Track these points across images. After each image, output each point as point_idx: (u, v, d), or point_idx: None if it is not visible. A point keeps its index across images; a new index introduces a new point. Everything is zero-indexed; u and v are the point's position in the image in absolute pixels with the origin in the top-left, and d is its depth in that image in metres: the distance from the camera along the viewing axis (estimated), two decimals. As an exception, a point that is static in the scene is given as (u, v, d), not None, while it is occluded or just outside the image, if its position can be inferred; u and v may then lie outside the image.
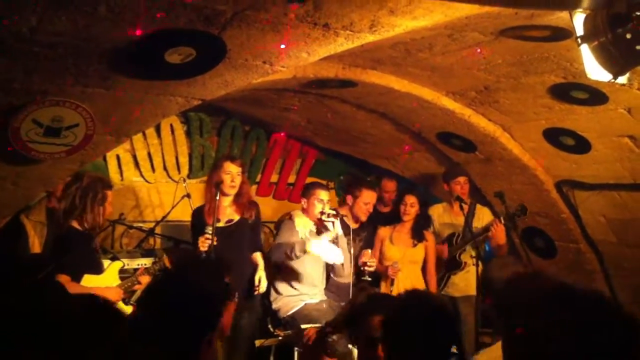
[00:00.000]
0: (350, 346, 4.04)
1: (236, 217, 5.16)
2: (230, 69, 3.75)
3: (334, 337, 4.01)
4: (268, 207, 7.23)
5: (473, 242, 5.84)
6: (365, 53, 4.50)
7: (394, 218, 6.09)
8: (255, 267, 5.13)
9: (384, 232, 6.04)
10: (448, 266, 6.06)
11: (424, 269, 5.96)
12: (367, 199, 5.78)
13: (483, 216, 6.11)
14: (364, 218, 5.81)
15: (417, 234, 5.93)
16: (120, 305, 4.69)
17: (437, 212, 6.36)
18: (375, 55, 4.70)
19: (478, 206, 6.21)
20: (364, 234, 5.92)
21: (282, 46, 3.52)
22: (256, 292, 5.05)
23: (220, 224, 5.04)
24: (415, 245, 5.91)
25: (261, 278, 5.06)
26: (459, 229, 6.08)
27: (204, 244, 4.77)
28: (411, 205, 5.90)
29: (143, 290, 2.36)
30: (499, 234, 5.78)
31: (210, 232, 4.79)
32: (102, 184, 4.81)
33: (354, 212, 5.78)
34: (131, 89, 3.74)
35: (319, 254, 5.08)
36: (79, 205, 4.65)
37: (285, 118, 6.76)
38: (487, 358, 3.05)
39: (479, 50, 4.34)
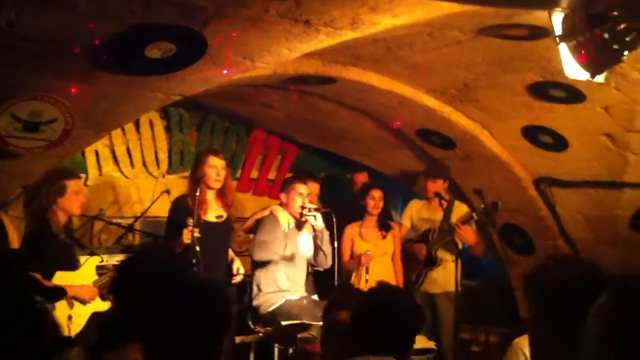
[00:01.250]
0: None
1: (224, 214, 5.15)
2: (210, 65, 3.74)
3: None
4: (249, 203, 7.21)
5: (445, 241, 5.91)
6: (346, 50, 4.51)
7: (357, 212, 6.14)
8: (231, 259, 5.21)
9: (351, 229, 6.08)
10: (424, 263, 6.09)
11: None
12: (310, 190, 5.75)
13: (460, 213, 6.14)
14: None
15: (384, 225, 6.03)
16: (97, 301, 4.64)
17: (416, 207, 6.39)
18: (355, 52, 4.71)
19: (457, 202, 6.25)
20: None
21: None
22: (234, 281, 5.11)
23: (210, 219, 5.04)
24: (384, 237, 6.01)
25: (239, 268, 5.11)
26: (436, 225, 6.11)
27: (188, 236, 4.74)
28: (380, 199, 5.96)
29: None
30: (465, 235, 5.83)
31: (192, 223, 4.75)
32: (59, 174, 4.70)
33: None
34: (111, 83, 3.72)
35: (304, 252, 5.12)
36: (44, 200, 4.58)
37: (266, 114, 6.75)
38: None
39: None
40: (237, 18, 3.18)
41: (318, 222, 5.29)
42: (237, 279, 5.09)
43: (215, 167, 5.02)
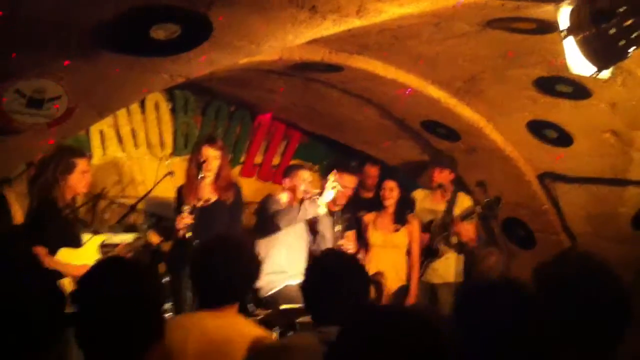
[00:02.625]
0: None
1: (213, 198, 5.17)
2: (215, 48, 3.74)
3: None
4: (252, 188, 7.22)
5: (446, 233, 5.92)
6: (352, 38, 4.50)
7: (376, 204, 6.14)
8: None
9: (368, 217, 6.10)
10: (426, 254, 6.11)
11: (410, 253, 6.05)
12: (346, 183, 5.80)
13: (464, 205, 6.13)
14: (343, 201, 5.80)
15: (399, 218, 5.97)
16: None
17: (419, 197, 6.39)
18: (362, 41, 4.69)
19: (460, 194, 6.23)
20: (346, 217, 5.90)
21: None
22: None
23: (199, 204, 5.05)
24: (397, 230, 5.95)
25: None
26: (438, 216, 6.12)
27: (181, 222, 4.82)
28: (390, 190, 5.93)
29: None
30: (463, 231, 5.86)
31: (186, 210, 4.83)
32: (68, 152, 4.78)
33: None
34: (115, 64, 3.72)
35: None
36: (51, 177, 4.63)
37: (271, 100, 6.75)
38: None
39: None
40: (243, 2, 3.18)
41: (322, 209, 5.31)
42: None
43: (207, 158, 5.05)
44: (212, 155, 5.06)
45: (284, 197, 5.40)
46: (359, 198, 6.59)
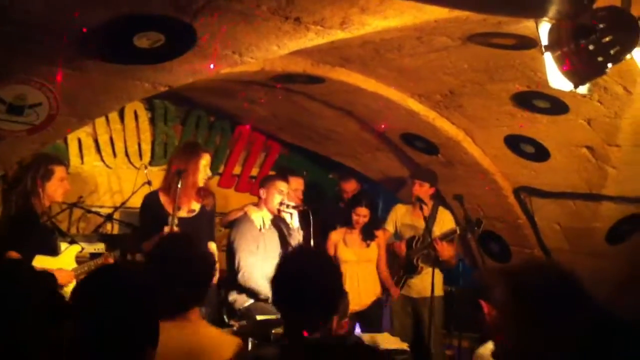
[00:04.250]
0: None
1: (197, 207, 5.14)
2: (199, 57, 3.74)
3: None
4: (231, 199, 7.21)
5: (426, 252, 5.99)
6: (335, 50, 4.53)
7: (338, 215, 6.28)
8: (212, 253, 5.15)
9: (336, 235, 6.14)
10: (405, 269, 6.15)
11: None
12: (296, 186, 5.90)
13: (444, 221, 6.18)
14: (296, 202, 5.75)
15: (368, 235, 6.05)
16: (69, 288, 4.62)
17: (400, 212, 6.43)
18: (344, 53, 4.72)
19: (440, 209, 6.28)
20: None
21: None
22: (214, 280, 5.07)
23: (182, 214, 5.01)
24: (368, 246, 6.04)
25: (217, 268, 5.08)
26: (419, 232, 6.15)
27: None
28: (364, 216, 5.98)
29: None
30: (442, 251, 5.91)
31: (175, 224, 4.76)
32: (47, 160, 4.76)
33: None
34: (97, 71, 3.71)
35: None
36: (29, 184, 4.60)
37: (251, 111, 6.75)
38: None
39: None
40: (227, 12, 3.18)
41: (294, 221, 5.30)
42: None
43: (206, 167, 5.04)
44: (207, 163, 5.06)
45: (255, 218, 5.34)
46: (339, 210, 6.64)
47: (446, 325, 6.27)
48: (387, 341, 4.72)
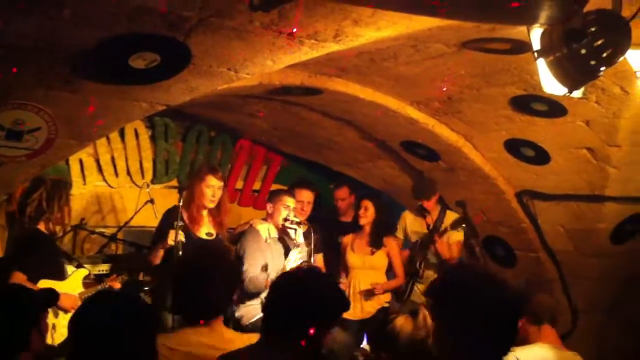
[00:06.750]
0: None
1: (214, 232, 5.20)
2: (194, 75, 3.75)
3: None
4: (234, 214, 7.20)
5: (425, 252, 5.99)
6: (331, 62, 4.54)
7: (355, 226, 6.17)
8: None
9: (346, 239, 6.15)
10: (411, 275, 6.14)
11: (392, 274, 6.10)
12: (303, 198, 5.77)
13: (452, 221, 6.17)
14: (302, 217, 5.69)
15: (375, 242, 6.00)
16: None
17: (409, 219, 6.45)
18: (340, 64, 4.74)
19: (448, 212, 6.27)
20: (316, 237, 5.66)
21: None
22: None
23: (201, 235, 5.11)
24: (373, 253, 5.99)
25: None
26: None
27: (172, 237, 4.81)
28: (365, 209, 5.96)
29: None
30: (441, 248, 5.93)
31: (177, 226, 4.81)
32: (64, 185, 4.82)
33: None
34: (94, 93, 3.72)
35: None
36: (47, 208, 4.62)
37: (251, 124, 6.77)
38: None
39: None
40: (221, 29, 3.19)
41: (298, 236, 5.30)
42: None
43: (212, 187, 5.06)
44: (216, 185, 5.08)
45: (262, 230, 5.34)
46: (338, 223, 6.61)
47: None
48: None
